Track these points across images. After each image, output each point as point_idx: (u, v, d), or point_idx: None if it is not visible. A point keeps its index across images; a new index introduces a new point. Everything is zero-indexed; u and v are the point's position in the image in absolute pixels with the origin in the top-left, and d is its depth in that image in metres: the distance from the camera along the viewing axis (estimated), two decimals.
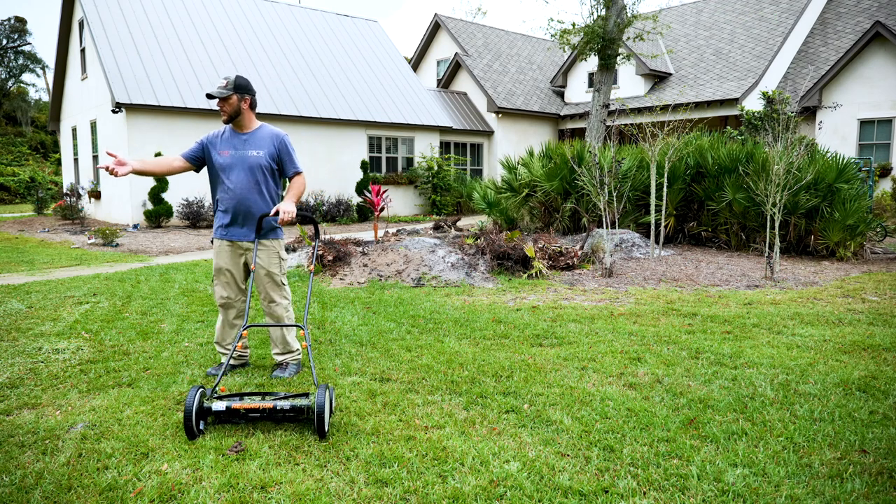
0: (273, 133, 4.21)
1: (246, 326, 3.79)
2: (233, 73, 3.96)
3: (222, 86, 4.00)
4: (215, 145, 4.17)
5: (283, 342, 4.30)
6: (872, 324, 5.54)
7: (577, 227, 11.42)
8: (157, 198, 15.01)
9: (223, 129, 4.23)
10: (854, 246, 9.45)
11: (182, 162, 4.18)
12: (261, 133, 4.18)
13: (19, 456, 3.06)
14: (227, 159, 4.13)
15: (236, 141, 4.14)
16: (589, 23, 15.05)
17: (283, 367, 4.31)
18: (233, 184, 4.11)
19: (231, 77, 4.04)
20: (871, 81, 16.84)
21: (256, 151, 4.12)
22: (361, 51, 20.93)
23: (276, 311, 4.30)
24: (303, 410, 3.29)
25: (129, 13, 16.74)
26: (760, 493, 2.69)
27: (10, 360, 4.61)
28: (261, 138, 4.16)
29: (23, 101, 42.81)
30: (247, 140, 4.14)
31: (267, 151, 4.14)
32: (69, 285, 7.58)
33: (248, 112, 4.13)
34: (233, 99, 4.03)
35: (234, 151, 4.12)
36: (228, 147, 4.14)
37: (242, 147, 4.13)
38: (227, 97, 4.01)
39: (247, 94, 4.07)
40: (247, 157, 4.11)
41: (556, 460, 2.98)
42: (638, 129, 10.40)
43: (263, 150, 4.13)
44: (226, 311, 4.32)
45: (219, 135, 4.20)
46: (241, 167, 4.11)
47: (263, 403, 3.30)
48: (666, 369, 4.28)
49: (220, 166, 4.14)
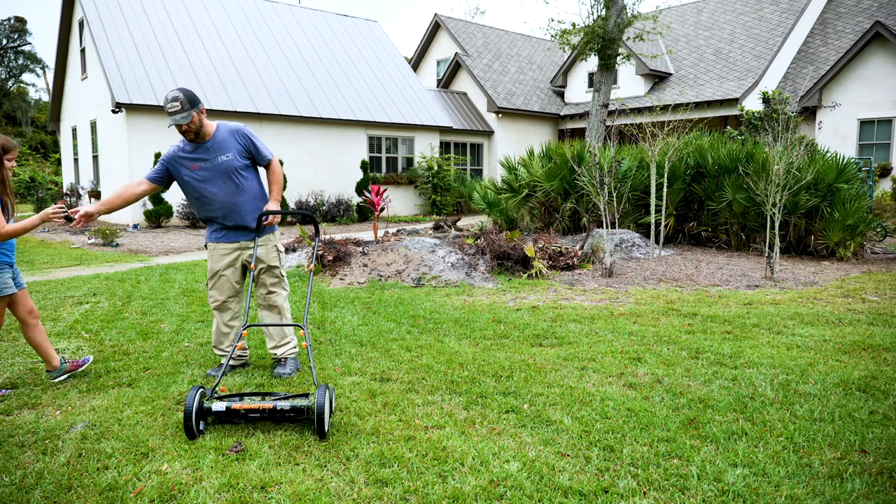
0: (232, 129, 4.10)
1: (246, 326, 3.80)
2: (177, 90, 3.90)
3: (178, 109, 3.81)
4: (182, 162, 4.04)
5: (280, 334, 4.30)
6: (872, 324, 5.54)
7: (577, 227, 11.42)
8: (157, 198, 15.01)
9: (181, 144, 4.07)
10: (854, 246, 9.45)
11: (147, 185, 4.06)
12: (221, 134, 4.06)
13: (19, 456, 3.06)
14: (201, 173, 4.02)
15: (202, 152, 4.02)
16: (589, 23, 15.05)
17: (282, 363, 4.30)
18: (215, 195, 4.05)
19: (180, 96, 3.81)
20: (871, 81, 16.84)
21: (225, 155, 4.03)
22: (361, 51, 20.93)
23: (276, 301, 4.31)
24: (303, 411, 3.29)
25: (129, 13, 16.74)
26: (760, 493, 2.69)
27: (10, 360, 4.61)
28: (224, 140, 4.05)
29: (23, 101, 42.83)
30: (211, 147, 4.02)
31: (236, 150, 4.05)
32: (69, 285, 7.58)
33: (205, 121, 4.00)
34: (195, 118, 3.90)
35: (205, 163, 4.02)
36: (197, 161, 4.02)
37: (210, 155, 4.01)
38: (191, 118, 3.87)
39: (199, 104, 3.93)
40: (219, 164, 4.02)
41: (556, 460, 2.98)
42: (638, 129, 10.40)
43: (231, 152, 4.04)
44: (221, 313, 4.31)
45: (179, 150, 4.06)
46: (217, 176, 4.03)
47: (263, 404, 3.30)
48: (666, 369, 4.28)
49: (196, 181, 4.04)
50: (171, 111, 3.82)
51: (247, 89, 16.75)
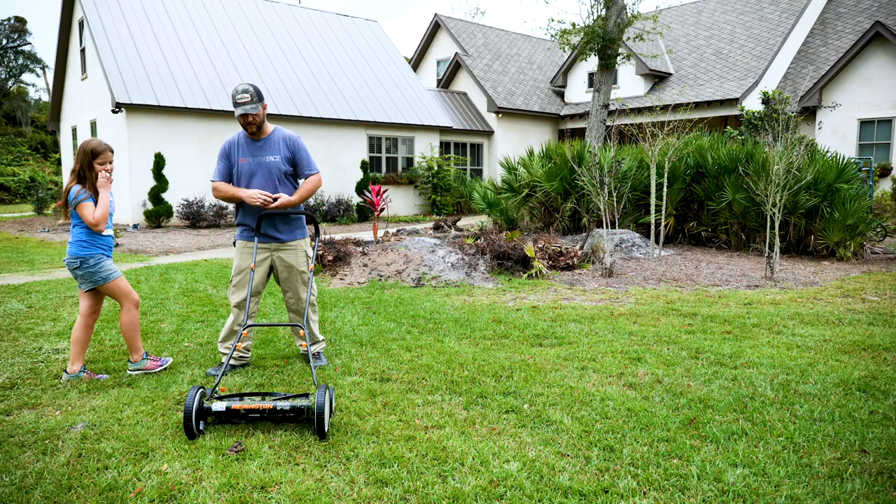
0: (286, 136, 4.28)
1: (246, 326, 3.81)
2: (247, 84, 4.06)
3: (247, 100, 4.02)
4: (234, 153, 4.24)
5: (311, 335, 4.42)
6: (872, 324, 5.54)
7: (577, 227, 11.42)
8: (157, 198, 15.01)
9: (236, 136, 4.28)
10: (854, 246, 9.45)
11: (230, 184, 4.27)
12: (275, 137, 4.25)
13: (19, 456, 3.06)
14: (247, 166, 4.21)
15: (253, 148, 4.21)
16: (589, 23, 15.04)
17: (315, 356, 4.44)
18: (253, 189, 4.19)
19: (250, 89, 4.04)
20: (870, 81, 16.84)
21: (273, 157, 4.21)
22: (361, 51, 20.93)
23: (304, 308, 4.37)
24: (302, 411, 3.29)
25: (129, 13, 16.74)
26: (760, 493, 2.69)
27: (10, 360, 4.61)
28: (275, 142, 4.23)
29: (23, 101, 42.82)
30: (262, 146, 4.21)
31: (283, 155, 4.24)
32: (69, 285, 7.58)
33: (265, 118, 4.23)
34: (260, 111, 4.10)
35: (253, 158, 4.20)
36: (246, 154, 4.21)
37: (259, 153, 4.20)
38: (258, 111, 4.07)
39: (264, 100, 4.15)
40: (265, 163, 4.19)
41: (556, 460, 2.98)
42: (638, 129, 10.39)
43: (279, 155, 4.22)
44: (239, 311, 4.34)
45: (234, 142, 4.26)
46: (261, 173, 4.19)
47: (263, 404, 3.30)
48: (666, 369, 4.28)
49: (241, 174, 4.22)
50: (241, 102, 4.01)
51: None
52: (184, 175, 15.38)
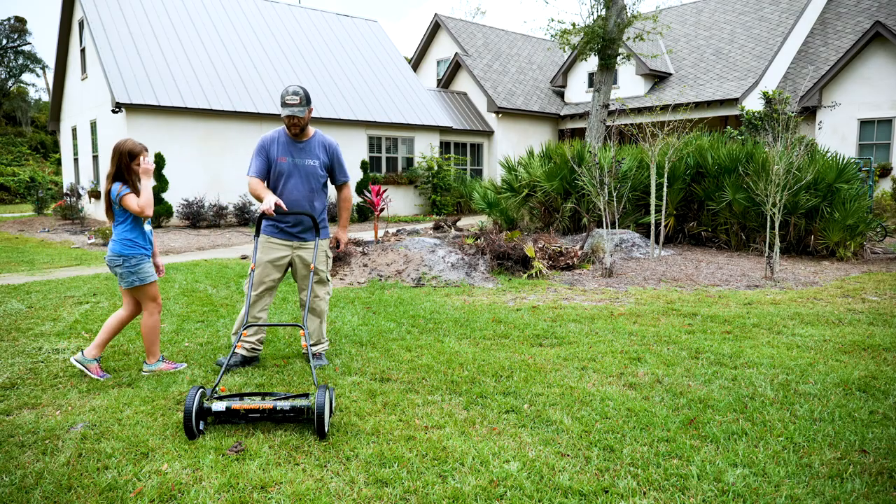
0: (327, 142, 4.38)
1: (246, 325, 3.82)
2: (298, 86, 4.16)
3: (296, 102, 4.10)
4: (274, 151, 4.29)
5: (319, 334, 4.49)
6: (872, 324, 5.54)
7: (577, 227, 11.42)
8: (157, 198, 15.00)
9: (277, 133, 4.34)
10: (854, 246, 9.45)
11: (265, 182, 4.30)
12: (315, 141, 4.35)
13: (19, 456, 3.06)
14: (286, 166, 4.27)
15: (293, 149, 4.29)
16: (589, 23, 15.05)
17: (317, 356, 4.49)
18: (290, 191, 4.27)
19: (300, 91, 4.12)
20: (870, 81, 16.84)
21: (312, 161, 4.30)
22: (361, 51, 20.93)
23: (320, 306, 4.46)
24: (303, 411, 3.30)
25: (129, 13, 16.74)
26: (760, 493, 2.69)
27: (10, 360, 4.61)
28: (315, 147, 4.33)
29: (23, 101, 42.81)
30: (303, 148, 4.30)
31: (321, 161, 4.33)
32: (69, 285, 7.58)
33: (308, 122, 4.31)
34: (307, 114, 4.18)
35: (292, 159, 4.27)
36: (286, 154, 4.28)
37: (299, 155, 4.28)
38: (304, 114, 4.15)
39: (311, 104, 4.23)
40: (304, 165, 4.28)
41: (556, 460, 2.98)
42: (638, 129, 10.40)
43: (318, 160, 4.31)
44: (252, 304, 4.39)
45: (275, 140, 4.31)
46: (297, 175, 4.27)
47: (263, 404, 3.30)
48: (666, 369, 4.28)
49: (279, 172, 4.28)
50: (290, 103, 4.10)
51: (247, 89, 16.75)
52: (184, 175, 15.37)
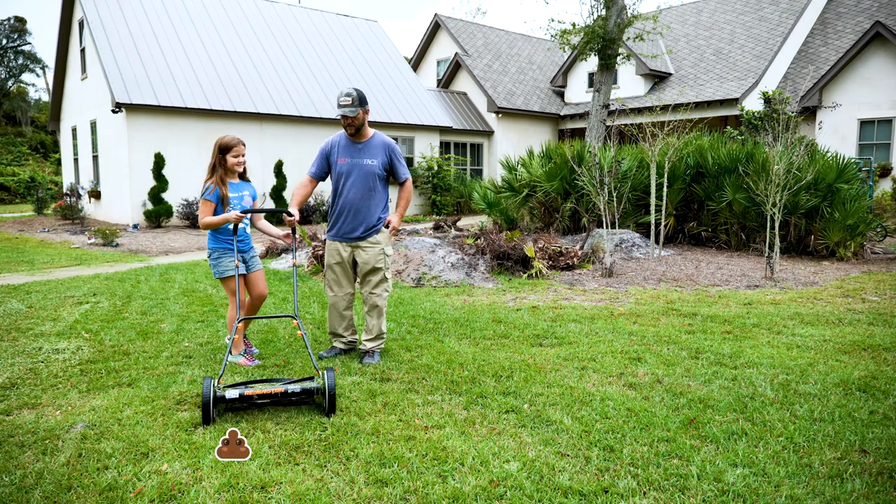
0: (385, 142, 4.51)
1: (240, 319, 3.91)
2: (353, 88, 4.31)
3: (348, 103, 4.23)
4: (334, 153, 4.49)
5: (378, 329, 4.57)
6: (872, 324, 5.54)
7: (577, 227, 11.42)
8: (157, 198, 15.00)
9: (339, 136, 4.50)
10: (854, 246, 9.45)
11: (313, 183, 4.55)
12: (374, 142, 4.48)
13: (19, 456, 3.06)
14: (345, 167, 4.44)
15: (352, 149, 4.45)
16: (589, 23, 15.04)
17: (370, 354, 4.55)
18: (348, 189, 4.44)
19: (353, 93, 4.25)
20: (871, 81, 16.83)
21: (371, 160, 4.43)
22: (361, 51, 20.93)
23: (378, 302, 4.57)
24: (312, 392, 3.45)
25: (129, 13, 16.73)
26: (760, 493, 2.69)
27: (10, 360, 4.61)
28: (374, 147, 4.46)
29: (23, 101, 42.80)
30: (362, 149, 4.44)
31: (380, 161, 4.46)
32: (69, 285, 7.58)
33: (366, 122, 4.43)
34: (360, 114, 4.30)
35: (351, 159, 4.43)
36: (345, 155, 4.45)
37: (358, 156, 4.43)
38: (356, 114, 4.27)
39: (366, 105, 4.36)
40: (362, 165, 4.43)
41: (556, 460, 2.98)
42: (638, 129, 10.39)
43: (377, 160, 4.45)
44: (335, 303, 4.64)
45: (336, 143, 4.50)
46: (356, 175, 4.43)
47: (274, 388, 3.45)
48: (666, 369, 4.28)
49: (340, 173, 4.46)
50: (343, 104, 4.27)
51: (247, 89, 16.75)
52: (184, 175, 15.36)
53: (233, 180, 4.48)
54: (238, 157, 4.42)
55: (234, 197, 4.44)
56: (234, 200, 4.44)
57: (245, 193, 4.53)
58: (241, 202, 4.48)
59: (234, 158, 4.40)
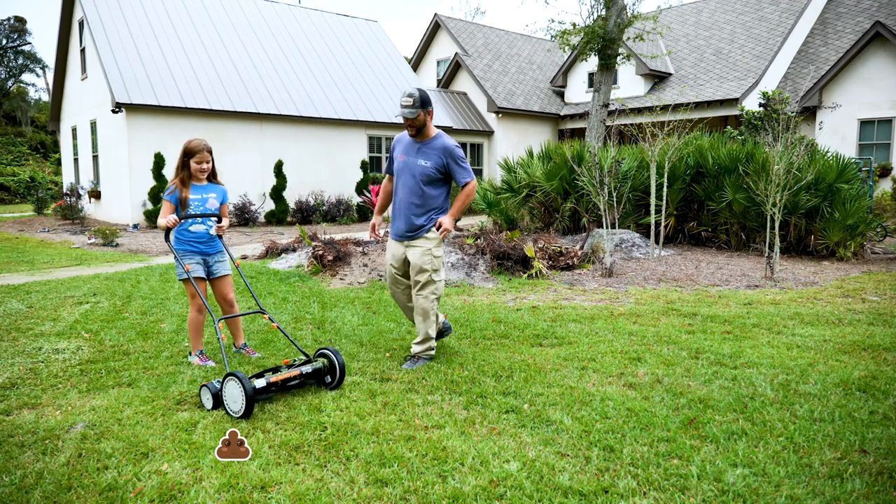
0: (444, 145, 4.43)
1: (220, 319, 4.12)
2: (416, 89, 4.31)
3: (409, 104, 4.24)
4: (397, 149, 4.55)
5: (424, 333, 4.50)
6: (872, 324, 5.54)
7: (577, 227, 11.42)
8: (157, 198, 15.00)
9: (405, 133, 4.54)
10: (854, 246, 9.45)
11: (391, 179, 4.66)
12: (434, 144, 4.44)
13: (19, 456, 3.06)
14: (401, 164, 4.49)
15: (412, 148, 4.47)
16: (589, 23, 15.04)
17: (413, 359, 4.49)
18: (400, 188, 4.49)
19: (415, 94, 4.24)
20: (871, 81, 16.83)
21: (425, 161, 4.40)
22: (361, 51, 20.93)
23: (423, 304, 4.50)
24: (321, 370, 3.85)
25: (129, 13, 16.73)
26: (760, 493, 2.69)
27: (10, 360, 4.61)
28: (432, 149, 4.42)
29: (23, 101, 42.80)
30: (420, 149, 4.44)
31: (434, 163, 4.40)
32: (69, 285, 7.58)
33: (429, 123, 4.41)
34: (420, 115, 4.30)
35: (408, 158, 4.46)
36: (405, 153, 4.50)
37: (414, 155, 4.44)
38: (417, 115, 4.28)
39: (429, 107, 4.33)
40: (416, 164, 4.43)
41: (556, 460, 2.98)
42: (638, 129, 10.39)
43: (431, 162, 4.40)
44: (395, 298, 4.73)
45: (401, 140, 4.57)
46: (408, 173, 4.44)
47: (293, 371, 3.77)
48: (666, 369, 4.28)
49: (396, 170, 4.54)
50: (403, 104, 4.28)
51: (247, 89, 16.75)
52: None
53: (199, 182, 4.45)
54: (201, 163, 4.37)
55: (194, 199, 4.40)
56: (195, 203, 4.40)
57: (211, 196, 4.48)
58: (204, 205, 4.43)
59: (196, 164, 4.36)
